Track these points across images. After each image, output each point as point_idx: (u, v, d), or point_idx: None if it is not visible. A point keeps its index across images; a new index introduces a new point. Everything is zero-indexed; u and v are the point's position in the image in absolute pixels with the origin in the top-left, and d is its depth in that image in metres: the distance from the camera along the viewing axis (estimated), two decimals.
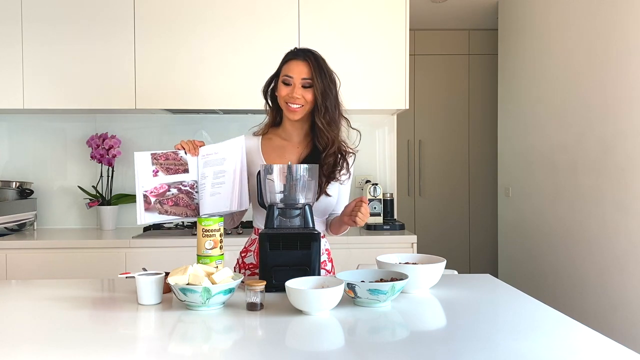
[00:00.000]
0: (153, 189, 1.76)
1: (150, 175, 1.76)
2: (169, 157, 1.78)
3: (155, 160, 1.77)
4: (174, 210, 1.76)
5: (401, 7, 3.00)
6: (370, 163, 3.36)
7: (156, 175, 1.76)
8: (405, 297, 1.51)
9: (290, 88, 1.74)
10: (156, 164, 1.77)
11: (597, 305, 2.88)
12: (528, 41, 3.68)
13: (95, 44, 2.95)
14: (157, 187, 1.76)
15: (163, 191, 1.76)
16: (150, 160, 1.77)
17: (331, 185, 1.81)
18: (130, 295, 1.55)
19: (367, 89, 3.00)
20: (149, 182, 1.76)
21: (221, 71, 2.96)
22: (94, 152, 3.11)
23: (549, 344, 1.16)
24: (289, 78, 1.74)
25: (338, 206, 1.90)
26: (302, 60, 1.74)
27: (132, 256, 2.75)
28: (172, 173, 1.77)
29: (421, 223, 4.90)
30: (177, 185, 1.77)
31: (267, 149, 1.84)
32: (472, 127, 4.95)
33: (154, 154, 1.77)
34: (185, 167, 1.77)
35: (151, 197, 1.75)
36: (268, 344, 1.19)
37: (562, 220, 3.21)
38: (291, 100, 1.73)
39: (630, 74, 2.60)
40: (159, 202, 1.75)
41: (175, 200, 1.77)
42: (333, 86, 1.77)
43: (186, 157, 1.77)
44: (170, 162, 1.77)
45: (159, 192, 1.76)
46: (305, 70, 1.73)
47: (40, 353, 1.13)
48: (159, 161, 1.77)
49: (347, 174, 1.83)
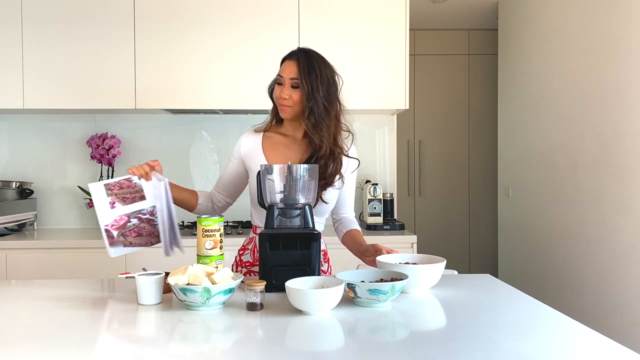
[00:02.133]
0: (113, 222, 1.67)
1: (107, 208, 1.67)
2: (123, 186, 1.68)
3: (109, 190, 1.68)
4: (138, 241, 1.70)
5: (401, 7, 3.00)
6: (370, 163, 3.36)
7: (113, 207, 1.67)
8: (405, 297, 1.51)
9: (281, 88, 1.75)
10: (111, 195, 1.68)
11: (597, 305, 2.88)
12: (528, 41, 3.68)
13: (95, 44, 2.95)
14: (117, 219, 1.67)
15: (124, 223, 1.68)
16: (105, 192, 1.68)
17: (327, 191, 1.78)
18: (130, 295, 1.55)
19: (367, 89, 3.00)
20: (108, 215, 1.67)
21: (221, 71, 2.96)
22: (94, 152, 3.11)
23: (549, 344, 1.16)
24: (280, 78, 1.76)
25: (344, 206, 1.90)
26: (293, 60, 1.74)
27: (132, 256, 2.75)
28: (129, 202, 1.68)
29: (421, 223, 4.90)
30: (137, 215, 1.69)
31: (267, 146, 1.84)
32: (472, 127, 4.95)
33: (107, 184, 1.68)
34: (141, 193, 1.68)
35: (113, 231, 1.67)
36: (268, 344, 1.19)
37: (562, 220, 3.21)
38: (279, 100, 1.75)
39: (630, 74, 2.60)
40: (122, 235, 1.67)
41: (137, 231, 1.69)
42: (322, 87, 1.72)
43: (140, 183, 1.68)
44: (125, 191, 1.68)
45: (119, 225, 1.67)
46: (294, 71, 1.73)
47: (40, 353, 1.13)
48: (114, 191, 1.68)
49: (340, 178, 1.78)
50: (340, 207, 1.90)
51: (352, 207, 1.95)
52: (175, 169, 3.29)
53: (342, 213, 1.92)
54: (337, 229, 1.95)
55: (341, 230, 1.92)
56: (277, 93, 1.76)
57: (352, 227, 1.90)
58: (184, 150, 3.31)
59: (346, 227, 1.91)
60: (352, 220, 1.93)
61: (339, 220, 1.94)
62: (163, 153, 3.31)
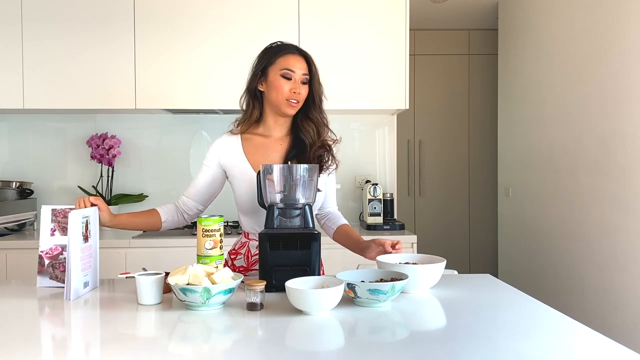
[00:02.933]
0: (48, 250, 1.62)
1: (48, 234, 1.62)
2: (66, 215, 1.59)
3: (54, 217, 1.62)
4: (64, 277, 1.61)
5: (401, 7, 3.00)
6: (370, 163, 3.36)
7: (53, 235, 1.62)
8: (405, 297, 1.51)
9: (292, 83, 1.72)
10: (55, 222, 1.62)
11: (597, 305, 2.88)
12: (528, 41, 3.68)
13: (95, 44, 2.95)
14: (52, 248, 1.62)
15: (56, 254, 1.62)
16: (50, 217, 1.62)
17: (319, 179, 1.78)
18: (130, 295, 1.55)
19: (367, 89, 3.00)
20: (46, 241, 1.62)
21: (221, 71, 2.96)
22: (94, 152, 3.11)
23: (549, 344, 1.16)
24: (290, 72, 1.72)
25: (327, 201, 1.90)
26: (300, 56, 1.75)
27: (132, 256, 2.75)
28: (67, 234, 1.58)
29: (421, 223, 4.90)
30: None
31: (249, 149, 1.80)
32: (472, 127, 4.95)
33: (54, 210, 1.62)
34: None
35: (45, 259, 1.62)
36: (268, 344, 1.19)
37: (562, 220, 3.21)
38: (291, 96, 1.72)
39: (630, 74, 2.60)
40: (52, 266, 1.62)
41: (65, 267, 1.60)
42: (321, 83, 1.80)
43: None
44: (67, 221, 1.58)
45: (52, 255, 1.62)
46: (304, 67, 1.74)
47: (40, 353, 1.13)
48: (57, 218, 1.62)
49: (334, 164, 1.81)
50: (325, 202, 1.89)
51: (335, 201, 1.94)
52: (175, 169, 3.29)
53: (327, 207, 1.91)
54: (325, 225, 1.92)
55: (329, 226, 1.90)
56: (287, 88, 1.72)
57: (340, 222, 1.88)
58: (184, 150, 3.31)
59: (334, 222, 1.89)
60: (338, 215, 1.92)
61: (325, 216, 1.92)
62: (163, 153, 3.31)
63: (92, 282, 1.63)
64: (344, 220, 1.91)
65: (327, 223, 1.91)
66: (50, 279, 1.63)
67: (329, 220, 1.91)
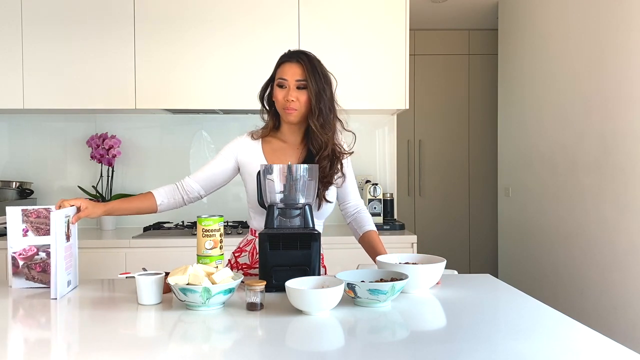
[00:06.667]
0: (22, 251, 1.60)
1: (20, 235, 1.60)
2: (40, 215, 1.60)
3: (25, 217, 1.60)
4: (42, 277, 1.61)
5: (401, 7, 3.00)
6: (370, 163, 3.36)
7: (25, 235, 1.61)
8: (405, 297, 1.51)
9: (285, 91, 1.72)
10: (27, 222, 1.60)
11: (597, 305, 2.88)
12: (528, 41, 3.68)
13: (95, 44, 2.95)
14: (26, 249, 1.60)
15: (32, 254, 1.61)
16: (21, 217, 1.60)
17: (329, 190, 1.79)
18: (130, 295, 1.55)
19: (367, 89, 3.00)
20: (18, 242, 1.60)
21: (221, 71, 2.96)
22: (94, 152, 3.11)
23: (549, 344, 1.16)
24: (283, 81, 1.73)
25: (349, 196, 1.88)
26: (295, 62, 1.73)
27: (132, 256, 2.75)
28: (42, 234, 1.61)
29: (421, 223, 4.90)
30: (47, 249, 1.61)
31: (268, 151, 1.83)
32: (472, 127, 4.95)
33: (25, 210, 1.61)
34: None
35: (19, 260, 1.60)
36: (268, 344, 1.19)
37: (562, 220, 3.21)
38: (287, 103, 1.72)
39: (630, 73, 2.60)
40: (27, 267, 1.60)
41: (43, 267, 1.61)
42: (328, 87, 1.74)
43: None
44: (41, 221, 1.59)
45: (27, 255, 1.60)
46: (298, 72, 1.72)
47: (39, 353, 1.13)
48: (30, 219, 1.60)
49: (342, 176, 1.81)
50: (346, 197, 1.89)
51: (357, 193, 1.92)
52: (175, 169, 3.29)
53: (349, 201, 1.90)
54: (351, 226, 1.90)
55: (355, 229, 1.89)
56: (281, 96, 1.73)
57: (366, 227, 1.86)
58: (184, 150, 3.31)
59: (360, 226, 1.87)
60: (364, 218, 1.89)
61: (350, 214, 1.90)
62: (163, 153, 3.31)
63: (73, 280, 1.64)
64: (370, 225, 1.87)
65: (353, 225, 1.90)
66: (27, 279, 1.62)
67: (356, 222, 1.89)
